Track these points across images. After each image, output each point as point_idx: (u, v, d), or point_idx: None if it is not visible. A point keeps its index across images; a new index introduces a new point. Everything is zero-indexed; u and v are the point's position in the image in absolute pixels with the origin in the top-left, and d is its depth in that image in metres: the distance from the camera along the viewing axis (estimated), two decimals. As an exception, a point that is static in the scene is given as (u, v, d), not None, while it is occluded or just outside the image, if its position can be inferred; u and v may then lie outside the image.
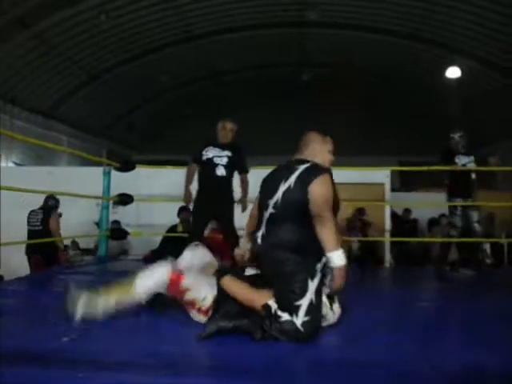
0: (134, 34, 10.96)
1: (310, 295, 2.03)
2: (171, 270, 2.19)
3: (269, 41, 12.61)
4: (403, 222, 8.26)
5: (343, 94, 14.63)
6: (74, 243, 6.97)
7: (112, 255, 5.56)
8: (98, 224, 5.89)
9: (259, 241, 2.23)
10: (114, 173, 5.00)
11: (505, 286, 3.84)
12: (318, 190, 2.07)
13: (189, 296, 2.17)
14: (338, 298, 2.26)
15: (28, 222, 5.92)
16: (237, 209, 4.06)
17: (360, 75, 14.38)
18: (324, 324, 2.15)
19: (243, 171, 4.13)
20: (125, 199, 4.98)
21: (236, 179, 4.12)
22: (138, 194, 5.75)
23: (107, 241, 5.01)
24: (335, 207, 2.16)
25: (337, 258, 2.06)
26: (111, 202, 5.12)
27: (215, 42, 12.34)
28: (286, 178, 2.16)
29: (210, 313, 2.15)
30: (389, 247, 7.15)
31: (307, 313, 2.00)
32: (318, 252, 2.11)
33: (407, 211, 8.52)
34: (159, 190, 6.29)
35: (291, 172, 2.16)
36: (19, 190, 3.62)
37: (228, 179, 3.97)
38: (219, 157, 3.94)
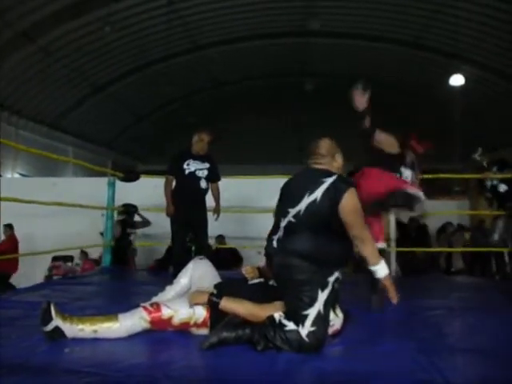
0: (138, 45, 11.07)
1: (318, 306, 2.00)
2: (146, 312, 2.11)
3: (272, 51, 12.69)
4: (410, 231, 8.19)
5: (346, 103, 14.64)
6: (84, 253, 6.97)
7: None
8: (102, 234, 5.89)
9: (275, 244, 2.19)
10: (120, 183, 5.00)
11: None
12: (349, 207, 2.09)
13: (176, 320, 2.12)
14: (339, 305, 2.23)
15: None
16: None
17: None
18: (330, 330, 2.12)
19: (217, 180, 4.26)
20: (129, 209, 4.99)
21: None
22: (144, 204, 5.77)
23: (112, 251, 5.00)
24: None
25: (381, 269, 2.19)
26: (116, 212, 5.12)
27: (219, 53, 12.43)
28: (312, 191, 2.12)
29: (209, 323, 2.12)
30: (394, 256, 7.08)
31: (314, 323, 1.96)
32: (333, 266, 2.10)
33: (412, 220, 8.45)
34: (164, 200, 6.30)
35: (317, 184, 2.12)
36: (23, 201, 3.63)
37: (207, 190, 4.16)
38: (201, 170, 4.08)
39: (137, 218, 6.08)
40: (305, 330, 1.95)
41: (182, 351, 1.99)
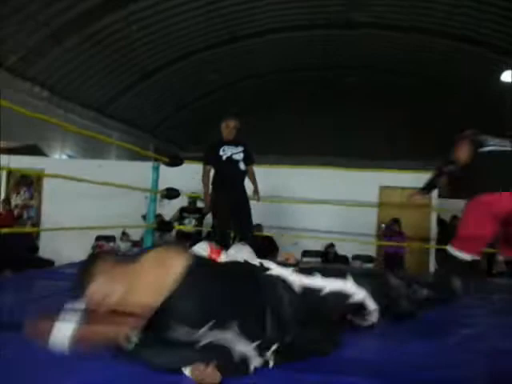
0: (181, 35, 11.26)
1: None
2: (210, 249, 2.34)
3: (312, 42, 12.59)
4: (452, 229, 7.97)
5: (387, 97, 14.34)
6: (125, 234, 7.22)
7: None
8: (144, 217, 6.07)
9: None
10: (162, 168, 5.12)
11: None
12: None
13: None
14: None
15: None
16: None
17: (405, 79, 14.05)
18: (364, 323, 2.08)
19: (252, 162, 4.29)
20: (171, 193, 5.10)
21: None
22: (184, 190, 5.89)
23: (153, 233, 5.15)
24: None
25: None
26: (158, 195, 5.27)
27: (258, 44, 12.44)
28: None
29: None
30: (434, 254, 6.95)
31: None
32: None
33: (455, 218, 8.20)
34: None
35: None
36: (72, 178, 3.83)
37: (246, 173, 4.21)
38: (236, 153, 4.13)
39: (199, 204, 6.29)
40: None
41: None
